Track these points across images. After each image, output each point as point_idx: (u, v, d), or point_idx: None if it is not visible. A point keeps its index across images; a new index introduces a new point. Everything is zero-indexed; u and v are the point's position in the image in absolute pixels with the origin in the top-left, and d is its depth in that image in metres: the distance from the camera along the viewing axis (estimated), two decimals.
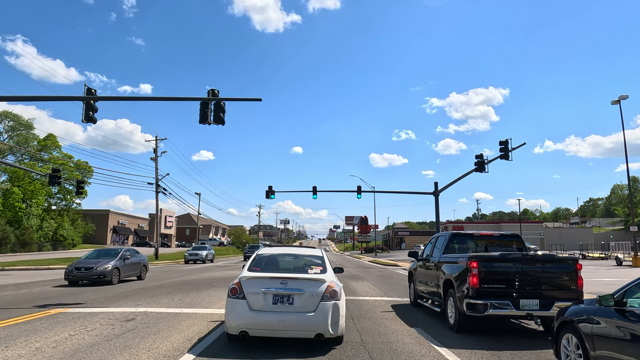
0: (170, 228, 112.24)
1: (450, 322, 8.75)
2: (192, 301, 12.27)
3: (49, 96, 17.75)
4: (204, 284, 17.84)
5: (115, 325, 8.50)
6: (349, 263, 43.23)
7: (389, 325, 9.02)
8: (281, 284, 6.71)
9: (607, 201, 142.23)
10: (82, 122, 13.65)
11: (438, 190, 36.40)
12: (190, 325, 8.60)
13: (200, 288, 15.87)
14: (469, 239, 10.52)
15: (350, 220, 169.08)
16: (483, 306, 7.69)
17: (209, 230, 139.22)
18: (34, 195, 63.12)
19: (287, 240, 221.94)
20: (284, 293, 6.65)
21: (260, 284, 6.75)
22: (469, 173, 28.56)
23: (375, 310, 11.20)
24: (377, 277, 23.02)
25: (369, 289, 16.43)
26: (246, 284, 6.82)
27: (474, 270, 7.87)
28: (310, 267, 7.51)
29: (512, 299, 7.72)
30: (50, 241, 62.29)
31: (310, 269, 7.41)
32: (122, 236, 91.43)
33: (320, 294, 6.69)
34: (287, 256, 8.23)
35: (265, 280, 6.81)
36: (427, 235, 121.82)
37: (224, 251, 78.87)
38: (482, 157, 26.50)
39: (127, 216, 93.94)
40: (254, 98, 14.50)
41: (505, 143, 24.20)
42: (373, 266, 37.35)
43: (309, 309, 6.59)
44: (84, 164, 71.78)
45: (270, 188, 36.88)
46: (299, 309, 6.60)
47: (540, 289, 7.89)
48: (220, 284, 17.80)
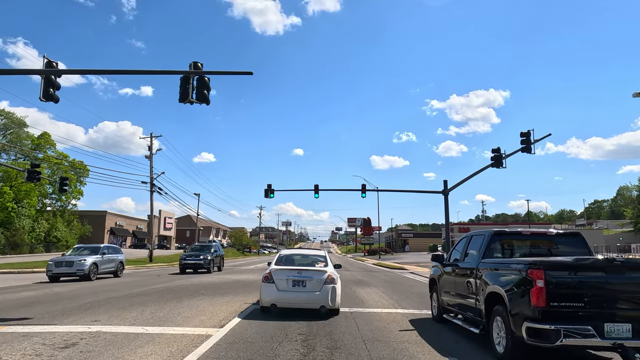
0: (169, 230, 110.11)
1: (497, 350, 6.50)
2: (165, 315, 10.03)
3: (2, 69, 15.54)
4: (190, 291, 15.62)
5: (43, 355, 6.27)
6: (352, 266, 40.93)
7: (415, 353, 6.77)
8: (297, 273, 9.97)
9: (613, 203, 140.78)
10: (40, 100, 11.44)
11: (448, 189, 34.11)
12: (146, 356, 6.36)
13: (183, 297, 13.64)
14: (517, 238, 8.24)
15: (353, 222, 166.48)
16: (554, 333, 5.43)
17: (209, 232, 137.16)
18: (27, 196, 61.05)
19: (289, 242, 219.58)
20: (299, 279, 9.88)
21: (283, 274, 9.95)
22: (485, 169, 26.25)
23: (391, 328, 8.94)
24: (385, 283, 20.76)
25: (379, 298, 14.17)
26: (274, 273, 10.02)
27: (538, 281, 5.61)
28: (317, 262, 10.88)
29: (594, 323, 5.47)
30: (43, 243, 60.13)
31: (317, 264, 10.76)
32: (119, 238, 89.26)
33: (323, 280, 9.87)
34: (300, 256, 11.58)
35: (287, 271, 10.07)
36: (431, 238, 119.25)
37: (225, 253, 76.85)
38: (499, 151, 24.14)
39: (125, 217, 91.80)
40: (244, 72, 12.27)
41: (527, 134, 21.76)
42: (378, 269, 35.05)
43: (316, 290, 9.78)
44: (79, 163, 69.80)
45: (269, 187, 34.67)
46: (309, 290, 9.79)
47: (635, 308, 5.64)
48: (208, 291, 15.57)
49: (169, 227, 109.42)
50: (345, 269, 33.19)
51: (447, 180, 34.37)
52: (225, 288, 16.60)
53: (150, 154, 44.42)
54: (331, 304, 9.69)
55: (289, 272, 10.02)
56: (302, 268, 10.21)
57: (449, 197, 33.79)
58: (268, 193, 34.62)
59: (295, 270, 10.09)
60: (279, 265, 10.48)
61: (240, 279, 21.99)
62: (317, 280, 9.85)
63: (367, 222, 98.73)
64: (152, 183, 43.72)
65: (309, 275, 9.93)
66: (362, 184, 34.72)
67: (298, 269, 10.16)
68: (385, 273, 29.92)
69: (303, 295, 9.81)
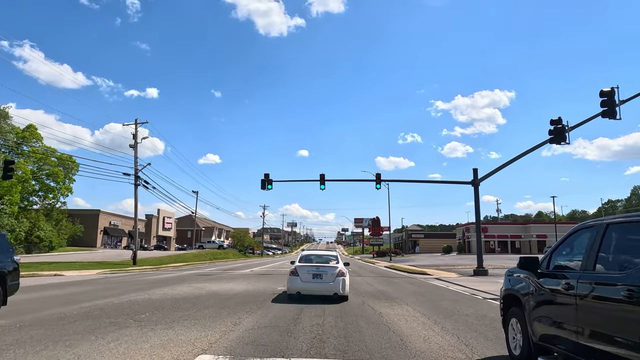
0: (169, 230, 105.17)
1: None
2: None
3: None
4: (138, 311, 10.32)
5: None
6: (364, 270, 35.45)
7: None
8: (316, 268, 13.09)
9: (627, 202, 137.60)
10: None
11: (478, 179, 28.67)
12: None
13: (112, 327, 8.36)
14: None
15: (360, 222, 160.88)
16: None
17: (211, 233, 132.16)
18: (8, 192, 56.19)
19: (294, 243, 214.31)
20: (317, 273, 12.92)
21: (305, 269, 13.04)
22: (541, 145, 20.78)
23: None
24: (417, 297, 15.30)
25: (424, 329, 8.73)
26: (299, 269, 13.05)
27: None
28: (330, 260, 13.91)
29: None
30: (24, 243, 55.18)
31: (331, 262, 13.76)
32: (114, 238, 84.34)
33: (335, 273, 12.86)
34: (317, 255, 14.75)
35: (308, 267, 13.18)
36: (443, 238, 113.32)
37: (223, 255, 71.35)
38: (560, 122, 18.58)
39: (121, 217, 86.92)
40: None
41: (610, 94, 16.15)
42: (396, 275, 29.61)
43: (330, 281, 12.75)
44: (68, 157, 64.97)
45: (266, 176, 29.37)
46: (325, 281, 12.77)
47: None
48: (164, 310, 10.29)
49: (168, 227, 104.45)
50: (356, 273, 27.77)
51: (477, 168, 28.97)
52: (185, 309, 11.16)
53: (135, 142, 39.34)
54: (342, 291, 12.66)
55: (309, 267, 13.03)
56: (320, 265, 13.25)
57: (478, 188, 28.37)
58: (265, 184, 29.33)
59: (314, 266, 13.14)
60: (302, 263, 13.41)
61: (220, 290, 16.60)
62: (331, 274, 12.75)
63: (376, 221, 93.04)
64: (136, 175, 38.63)
65: (325, 270, 12.87)
66: (376, 173, 29.40)
67: (316, 265, 13.25)
68: (408, 280, 24.49)
69: (320, 285, 12.68)
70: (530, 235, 75.50)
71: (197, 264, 44.91)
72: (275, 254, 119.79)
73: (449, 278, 24.68)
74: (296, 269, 12.91)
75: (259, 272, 29.75)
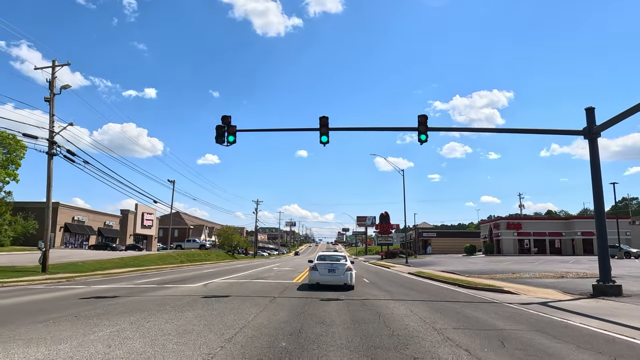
0: (149, 228, 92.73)
1: None
2: None
3: None
4: None
5: None
6: (382, 279, 22.95)
7: None
8: (330, 265, 17.68)
9: None
10: None
11: (596, 127, 16.56)
12: None
13: None
14: None
15: (363, 220, 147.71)
16: None
17: (200, 232, 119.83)
18: None
19: (293, 243, 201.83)
20: (331, 268, 17.52)
21: (323, 265, 17.69)
22: None
23: None
24: None
25: None
26: (318, 265, 17.76)
27: None
28: (340, 259, 18.62)
29: None
30: None
31: (340, 260, 18.46)
32: (78, 236, 71.72)
33: (345, 269, 17.51)
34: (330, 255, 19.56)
35: (324, 264, 17.82)
36: (460, 237, 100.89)
37: (203, 256, 58.49)
38: None
39: (88, 212, 74.45)
40: None
41: None
42: (449, 292, 17.19)
43: (341, 274, 17.37)
44: (10, 137, 52.61)
45: (225, 120, 16.99)
46: (337, 274, 17.38)
47: None
48: None
49: (148, 225, 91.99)
50: (376, 286, 15.58)
51: (593, 107, 16.75)
52: None
53: (52, 93, 27.03)
54: (350, 282, 17.38)
55: (325, 264, 17.78)
56: (333, 262, 18.04)
57: (596, 141, 16.08)
58: (224, 135, 16.96)
59: (328, 263, 17.90)
60: (319, 261, 18.26)
61: None
62: (341, 269, 17.51)
63: (385, 217, 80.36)
64: (51, 140, 26.32)
65: (337, 266, 17.62)
66: (419, 116, 17.08)
67: (330, 262, 18.01)
68: (493, 308, 12.12)
69: (334, 277, 17.38)
70: (574, 233, 63.16)
71: (151, 270, 32.57)
72: (270, 255, 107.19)
73: (575, 305, 12.37)
74: (316, 266, 17.79)
75: (217, 287, 17.66)
